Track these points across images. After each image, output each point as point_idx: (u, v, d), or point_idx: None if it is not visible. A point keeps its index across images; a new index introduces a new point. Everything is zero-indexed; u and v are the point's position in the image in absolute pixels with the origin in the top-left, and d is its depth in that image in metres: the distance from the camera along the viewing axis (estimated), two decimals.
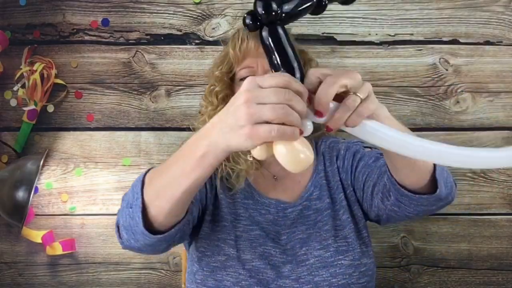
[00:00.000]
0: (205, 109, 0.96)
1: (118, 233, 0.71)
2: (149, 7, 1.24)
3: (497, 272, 1.24)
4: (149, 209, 0.64)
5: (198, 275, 0.83)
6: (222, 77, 0.93)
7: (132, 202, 0.66)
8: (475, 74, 1.23)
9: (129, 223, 0.67)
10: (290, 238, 0.86)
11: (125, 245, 0.72)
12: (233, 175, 0.88)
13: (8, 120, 1.25)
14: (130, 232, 0.67)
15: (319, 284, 0.81)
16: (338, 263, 0.83)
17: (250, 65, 0.91)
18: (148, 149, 1.24)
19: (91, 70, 1.25)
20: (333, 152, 0.97)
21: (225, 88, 0.93)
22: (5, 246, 1.26)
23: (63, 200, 1.24)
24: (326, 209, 0.89)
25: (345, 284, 0.81)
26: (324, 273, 0.82)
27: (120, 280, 1.25)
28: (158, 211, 0.64)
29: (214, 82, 0.95)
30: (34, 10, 1.25)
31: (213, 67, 0.98)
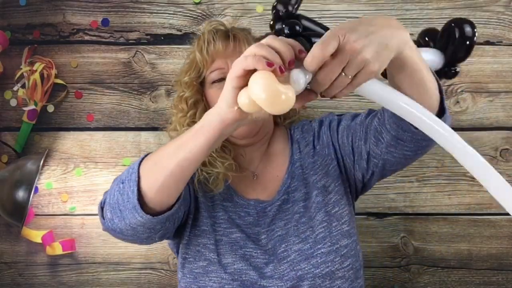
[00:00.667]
0: (175, 117, 0.95)
1: (102, 212, 0.72)
2: (149, 7, 1.24)
3: (497, 272, 1.24)
4: (142, 183, 0.66)
5: (183, 282, 0.83)
6: (191, 82, 0.92)
7: (125, 178, 0.68)
8: (475, 74, 1.23)
9: (117, 200, 0.68)
10: (269, 236, 0.85)
11: (107, 226, 0.72)
12: (210, 179, 0.87)
13: (8, 120, 1.25)
14: (117, 209, 0.68)
15: (303, 277, 0.79)
16: (318, 252, 0.81)
17: (220, 66, 0.90)
18: (148, 149, 1.24)
19: (91, 70, 1.25)
20: (309, 135, 0.95)
21: (195, 93, 0.92)
22: (5, 246, 1.26)
23: (63, 200, 1.24)
24: (302, 199, 0.87)
25: (329, 272, 0.80)
26: (305, 266, 0.80)
27: (120, 280, 1.25)
28: (151, 183, 0.66)
29: (183, 89, 0.93)
30: (34, 10, 1.25)
31: (180, 75, 0.96)
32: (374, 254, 1.24)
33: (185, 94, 0.92)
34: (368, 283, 1.23)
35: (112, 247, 1.25)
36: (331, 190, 0.87)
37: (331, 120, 0.93)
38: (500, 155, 1.23)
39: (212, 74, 0.90)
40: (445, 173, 1.23)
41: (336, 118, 0.93)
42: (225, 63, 0.90)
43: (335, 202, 0.87)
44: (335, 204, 0.86)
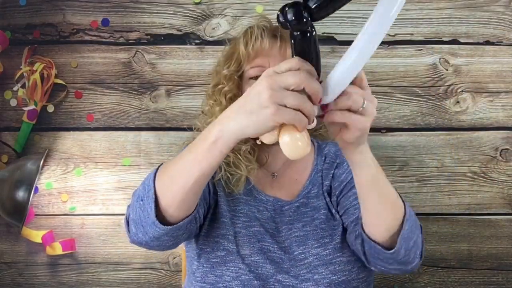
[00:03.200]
0: (211, 108, 0.95)
1: (128, 227, 0.73)
2: (149, 7, 1.24)
3: (497, 272, 1.24)
4: (160, 200, 0.66)
5: (198, 273, 0.83)
6: (231, 76, 0.92)
7: (143, 195, 0.68)
8: (475, 74, 1.23)
9: (139, 216, 0.68)
10: (287, 235, 0.86)
11: (133, 239, 0.73)
12: (233, 180, 0.88)
13: (8, 120, 1.25)
14: (140, 225, 0.68)
15: (319, 281, 0.81)
16: (337, 260, 0.82)
17: (261, 64, 0.91)
18: (148, 149, 1.24)
19: (91, 70, 1.25)
20: (337, 159, 0.97)
21: (234, 88, 0.92)
22: (5, 246, 1.26)
23: (63, 200, 1.24)
24: (323, 208, 0.89)
25: (345, 280, 0.81)
26: (323, 271, 0.82)
27: (120, 280, 1.25)
28: (170, 201, 0.66)
29: (222, 81, 0.93)
30: (34, 10, 1.25)
31: (219, 65, 0.97)
32: None
33: (224, 88, 0.92)
34: None
35: (112, 247, 1.25)
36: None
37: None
38: (500, 155, 1.23)
39: (252, 70, 0.91)
40: (445, 173, 1.23)
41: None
42: (267, 61, 0.90)
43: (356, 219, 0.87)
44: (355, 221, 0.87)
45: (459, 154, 1.23)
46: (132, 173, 1.24)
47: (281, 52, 0.92)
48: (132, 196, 0.73)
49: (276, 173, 0.94)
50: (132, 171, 1.24)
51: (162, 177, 0.66)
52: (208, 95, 0.98)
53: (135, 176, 1.24)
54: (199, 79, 1.24)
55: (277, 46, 0.91)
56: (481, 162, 1.23)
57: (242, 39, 0.93)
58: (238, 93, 0.92)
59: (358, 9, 1.22)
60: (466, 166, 1.23)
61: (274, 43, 0.92)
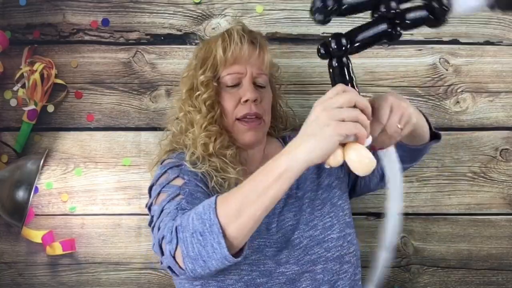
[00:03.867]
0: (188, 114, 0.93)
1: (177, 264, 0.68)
2: (149, 7, 1.24)
3: (497, 272, 1.24)
4: (227, 233, 0.64)
5: (198, 281, 0.83)
6: (208, 82, 0.91)
7: (203, 230, 0.64)
8: (475, 74, 1.23)
9: (199, 252, 0.65)
10: (280, 226, 0.88)
11: (189, 276, 0.69)
12: (225, 184, 0.87)
13: (8, 120, 1.25)
14: (200, 260, 0.65)
15: (316, 261, 0.84)
16: (328, 237, 0.87)
17: (239, 71, 0.91)
18: (148, 149, 1.24)
19: (91, 70, 1.25)
20: None
21: (213, 94, 0.91)
22: (5, 246, 1.26)
23: (63, 200, 1.24)
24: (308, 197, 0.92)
25: (339, 255, 0.87)
26: (318, 250, 0.86)
27: (120, 280, 1.25)
28: (238, 233, 0.64)
29: (199, 87, 0.91)
30: (34, 10, 1.25)
31: (192, 69, 0.95)
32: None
33: (202, 95, 0.90)
34: None
35: (112, 247, 1.25)
36: (334, 186, 0.95)
37: None
38: (500, 155, 1.23)
39: (229, 77, 0.91)
40: (445, 173, 1.23)
41: None
42: (244, 68, 0.91)
43: (339, 196, 0.94)
44: (339, 198, 0.94)
45: (459, 154, 1.23)
46: (132, 173, 1.24)
47: (259, 60, 0.92)
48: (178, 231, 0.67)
49: None
50: (132, 171, 1.24)
51: (226, 210, 0.64)
52: (182, 100, 0.95)
53: (135, 176, 1.24)
54: None
55: (256, 54, 0.91)
56: (481, 162, 1.23)
57: (220, 43, 0.91)
58: (217, 99, 0.91)
59: None
60: (466, 166, 1.23)
61: (253, 50, 0.92)
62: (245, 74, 0.91)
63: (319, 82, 1.23)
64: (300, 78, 1.23)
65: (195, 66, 0.95)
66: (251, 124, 0.91)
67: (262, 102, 0.93)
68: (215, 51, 0.91)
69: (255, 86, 0.93)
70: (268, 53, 0.94)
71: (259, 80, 0.93)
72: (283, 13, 1.23)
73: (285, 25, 1.23)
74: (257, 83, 0.93)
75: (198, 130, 0.89)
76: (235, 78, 0.91)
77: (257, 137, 0.93)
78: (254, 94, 0.90)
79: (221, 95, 0.92)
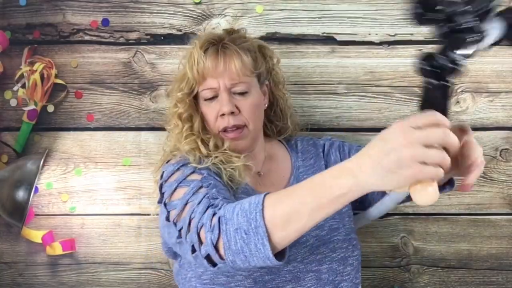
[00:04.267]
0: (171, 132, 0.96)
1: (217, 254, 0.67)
2: (149, 7, 1.24)
3: (497, 272, 1.24)
4: (271, 237, 0.63)
5: (207, 275, 0.84)
6: (183, 98, 0.93)
7: (247, 228, 0.64)
8: (475, 74, 1.23)
9: (241, 248, 0.65)
10: None
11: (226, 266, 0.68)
12: (236, 173, 0.88)
13: (8, 120, 1.25)
14: (241, 255, 0.65)
15: (322, 261, 0.86)
16: (334, 238, 0.89)
17: (211, 86, 0.91)
18: (148, 149, 1.24)
19: (91, 70, 1.25)
20: (317, 149, 1.04)
21: (188, 108, 0.93)
22: (5, 246, 1.26)
23: (63, 200, 1.24)
24: None
25: (344, 257, 0.88)
26: (324, 249, 0.87)
27: (120, 280, 1.25)
28: (284, 240, 0.64)
29: (176, 103, 0.94)
30: (34, 10, 1.25)
31: (174, 87, 0.97)
32: (374, 254, 1.24)
33: (178, 110, 0.93)
34: (368, 283, 1.23)
35: (112, 247, 1.25)
36: None
37: (340, 145, 1.03)
38: (500, 155, 1.23)
39: (204, 92, 0.92)
40: None
41: (345, 144, 1.03)
42: (217, 82, 0.90)
43: None
44: None
45: None
46: (132, 173, 1.24)
47: (226, 71, 0.90)
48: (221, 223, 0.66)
49: (261, 172, 0.97)
50: (132, 171, 1.24)
51: (274, 217, 0.63)
52: (168, 120, 0.99)
53: (135, 176, 1.24)
54: None
55: (221, 66, 0.90)
56: None
57: (188, 62, 0.92)
58: (193, 113, 0.93)
59: (358, 9, 1.22)
60: None
61: (217, 64, 0.90)
62: (219, 87, 0.91)
63: (319, 82, 1.23)
64: (300, 78, 1.23)
65: (174, 85, 0.97)
66: (233, 134, 0.91)
67: (242, 111, 0.92)
68: (185, 70, 0.93)
69: (234, 95, 0.92)
70: (238, 59, 0.90)
71: (236, 89, 0.92)
72: (283, 13, 1.23)
73: (285, 25, 1.23)
74: (236, 92, 0.92)
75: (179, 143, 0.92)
76: (210, 92, 0.91)
77: (244, 144, 0.94)
78: (228, 107, 0.89)
79: (202, 109, 0.94)
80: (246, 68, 0.92)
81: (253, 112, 0.93)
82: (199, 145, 0.90)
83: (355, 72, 1.23)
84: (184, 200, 0.77)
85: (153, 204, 1.23)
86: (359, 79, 1.23)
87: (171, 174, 0.86)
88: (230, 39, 0.94)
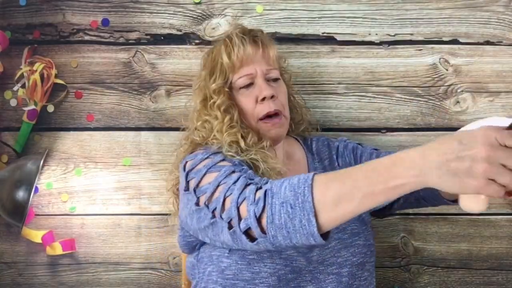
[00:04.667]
0: (205, 123, 0.93)
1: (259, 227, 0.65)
2: (149, 7, 1.24)
3: (497, 272, 1.24)
4: (318, 216, 0.61)
5: (230, 270, 0.83)
6: (220, 89, 0.92)
7: (294, 203, 0.62)
8: (475, 74, 1.23)
9: (285, 222, 0.63)
10: None
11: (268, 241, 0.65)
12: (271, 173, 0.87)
13: (8, 120, 1.25)
14: (284, 230, 0.63)
15: (342, 264, 0.87)
16: (355, 243, 0.89)
17: (248, 72, 0.92)
18: (148, 149, 1.24)
19: (91, 70, 1.25)
20: (331, 150, 1.03)
21: (226, 99, 0.92)
22: (5, 246, 1.26)
23: (63, 200, 1.24)
24: None
25: (362, 262, 0.89)
26: (345, 253, 0.88)
27: (120, 280, 1.25)
28: (330, 221, 0.61)
29: (211, 95, 0.93)
30: (34, 10, 1.25)
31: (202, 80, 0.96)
32: None
33: (216, 101, 0.92)
34: None
35: (112, 247, 1.25)
36: None
37: (354, 147, 1.03)
38: None
39: (241, 80, 0.92)
40: None
41: (359, 147, 1.03)
42: (254, 68, 0.92)
43: None
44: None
45: None
46: (132, 173, 1.24)
47: (264, 57, 0.93)
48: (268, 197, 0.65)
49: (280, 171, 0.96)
50: (132, 171, 1.24)
51: (324, 195, 0.61)
52: (198, 110, 0.97)
53: (135, 176, 1.24)
54: None
55: (260, 52, 0.93)
56: None
57: (223, 50, 0.93)
58: (231, 104, 0.92)
59: (358, 9, 1.23)
60: None
61: (257, 49, 0.93)
62: (256, 73, 0.92)
63: (319, 82, 1.23)
64: (300, 78, 1.23)
65: (205, 76, 0.96)
66: (273, 121, 0.92)
67: (278, 97, 0.94)
68: (221, 59, 0.93)
69: (269, 82, 0.94)
70: (273, 47, 0.96)
71: (271, 75, 0.95)
72: (283, 13, 1.23)
73: (285, 25, 1.23)
74: (270, 79, 0.95)
75: (219, 134, 0.90)
76: (247, 79, 0.92)
77: (282, 132, 0.95)
78: (269, 90, 0.92)
79: (237, 98, 0.94)
80: (278, 57, 0.98)
81: (285, 99, 0.97)
82: (239, 139, 0.89)
83: (355, 72, 1.23)
84: (216, 183, 0.75)
85: (153, 204, 1.24)
86: (359, 79, 1.23)
87: (199, 162, 0.83)
88: (261, 32, 0.99)
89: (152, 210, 1.24)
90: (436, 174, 0.53)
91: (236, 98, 0.94)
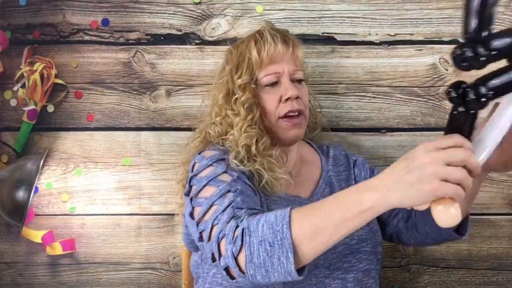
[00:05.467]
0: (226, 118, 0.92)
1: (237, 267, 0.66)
2: (149, 7, 1.24)
3: (497, 272, 1.24)
4: (297, 251, 0.63)
5: None
6: (245, 85, 0.91)
7: (273, 241, 0.63)
8: (475, 74, 1.23)
9: (264, 261, 0.64)
10: None
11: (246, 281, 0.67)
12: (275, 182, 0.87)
13: (8, 120, 1.25)
14: (262, 269, 0.65)
15: (348, 269, 0.86)
16: (362, 249, 0.89)
17: (277, 70, 0.92)
18: (148, 149, 1.24)
19: (91, 70, 1.25)
20: (348, 159, 1.04)
21: (251, 97, 0.91)
22: (5, 246, 1.26)
23: (63, 200, 1.24)
24: None
25: (368, 269, 0.88)
26: (352, 259, 0.87)
27: (120, 280, 1.25)
28: (308, 253, 0.64)
29: (236, 91, 0.92)
30: (34, 10, 1.25)
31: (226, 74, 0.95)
32: None
33: (241, 98, 0.91)
34: None
35: (112, 247, 1.25)
36: None
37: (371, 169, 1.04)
38: None
39: (268, 77, 0.92)
40: None
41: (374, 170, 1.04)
42: (281, 67, 0.92)
43: None
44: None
45: None
46: (132, 173, 1.24)
47: (293, 57, 0.94)
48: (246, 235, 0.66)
49: (292, 172, 0.96)
50: (132, 171, 1.24)
51: (301, 229, 0.63)
52: (219, 105, 0.95)
53: (135, 176, 1.24)
54: (199, 79, 1.24)
55: (290, 51, 0.93)
56: None
57: (253, 45, 0.92)
58: (254, 102, 0.92)
59: (358, 9, 1.23)
60: None
61: (287, 48, 0.93)
62: (283, 72, 0.92)
63: (319, 82, 1.23)
64: None
65: (230, 71, 0.95)
66: (294, 121, 0.92)
67: (302, 98, 0.94)
68: (249, 54, 0.92)
69: (293, 82, 0.94)
70: (301, 49, 0.96)
71: (296, 76, 0.95)
72: (283, 13, 1.23)
73: (285, 25, 1.23)
74: (295, 79, 0.95)
75: (238, 132, 0.89)
76: (274, 77, 0.92)
77: (301, 133, 0.95)
78: (295, 91, 0.92)
79: (260, 96, 0.93)
80: (303, 59, 0.99)
81: (307, 101, 0.97)
82: (252, 143, 0.88)
83: (355, 72, 1.23)
84: (210, 201, 0.77)
85: (153, 204, 1.24)
86: (359, 79, 1.23)
87: (203, 169, 0.84)
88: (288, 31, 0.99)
89: (152, 210, 1.24)
90: (396, 193, 0.57)
91: (259, 95, 0.93)
